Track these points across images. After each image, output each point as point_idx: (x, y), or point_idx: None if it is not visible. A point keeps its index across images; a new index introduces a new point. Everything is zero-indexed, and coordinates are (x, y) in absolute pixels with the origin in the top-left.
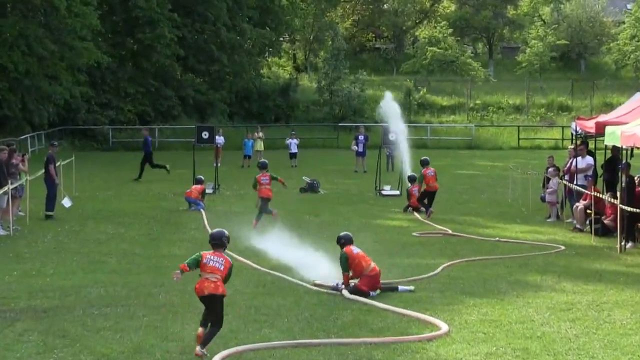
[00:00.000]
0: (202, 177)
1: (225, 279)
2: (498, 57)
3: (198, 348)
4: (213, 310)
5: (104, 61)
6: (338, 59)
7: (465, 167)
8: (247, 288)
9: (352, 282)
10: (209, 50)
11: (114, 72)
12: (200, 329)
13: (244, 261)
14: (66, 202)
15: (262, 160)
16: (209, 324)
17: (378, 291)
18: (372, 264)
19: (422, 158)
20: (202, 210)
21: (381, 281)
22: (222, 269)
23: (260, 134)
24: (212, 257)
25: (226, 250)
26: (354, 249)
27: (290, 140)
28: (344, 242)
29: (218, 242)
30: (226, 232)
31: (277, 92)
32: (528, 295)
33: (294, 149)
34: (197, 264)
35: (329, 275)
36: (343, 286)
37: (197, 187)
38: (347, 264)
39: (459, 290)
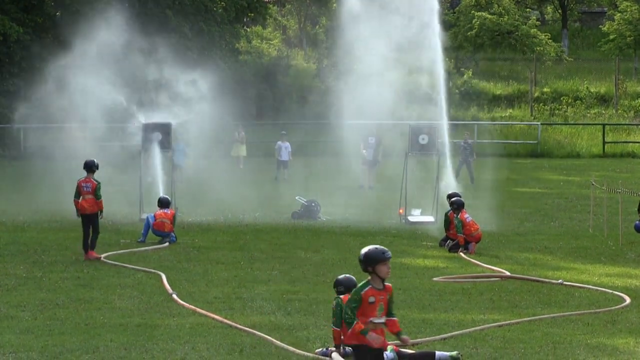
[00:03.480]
0: (167, 196)
1: None
2: (575, 26)
3: None
4: None
5: (12, 32)
6: (346, 28)
7: (528, 182)
8: (216, 355)
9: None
10: (162, 16)
11: (27, 47)
12: None
13: (214, 316)
14: None
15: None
16: None
17: (392, 352)
18: None
19: (454, 197)
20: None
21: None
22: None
23: (242, 135)
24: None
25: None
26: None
27: (280, 143)
28: (344, 289)
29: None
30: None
31: (260, 75)
32: None
33: (285, 156)
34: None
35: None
36: (333, 349)
37: (165, 213)
38: (341, 317)
39: (518, 359)
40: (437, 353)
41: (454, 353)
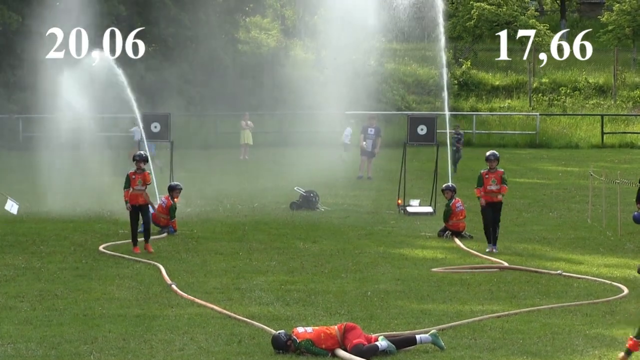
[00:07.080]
0: (178, 183)
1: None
2: (573, 16)
3: None
4: None
5: (11, 21)
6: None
7: (527, 173)
8: (215, 345)
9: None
10: (160, 5)
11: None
12: None
13: (212, 307)
14: (11, 207)
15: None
16: None
17: (385, 341)
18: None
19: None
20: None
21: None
22: None
23: (249, 123)
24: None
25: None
26: (307, 330)
27: (349, 128)
28: (289, 339)
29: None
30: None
31: (259, 66)
32: (615, 356)
33: (347, 140)
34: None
35: None
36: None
37: (162, 207)
38: (317, 348)
39: (517, 349)
40: (418, 336)
41: (433, 331)
